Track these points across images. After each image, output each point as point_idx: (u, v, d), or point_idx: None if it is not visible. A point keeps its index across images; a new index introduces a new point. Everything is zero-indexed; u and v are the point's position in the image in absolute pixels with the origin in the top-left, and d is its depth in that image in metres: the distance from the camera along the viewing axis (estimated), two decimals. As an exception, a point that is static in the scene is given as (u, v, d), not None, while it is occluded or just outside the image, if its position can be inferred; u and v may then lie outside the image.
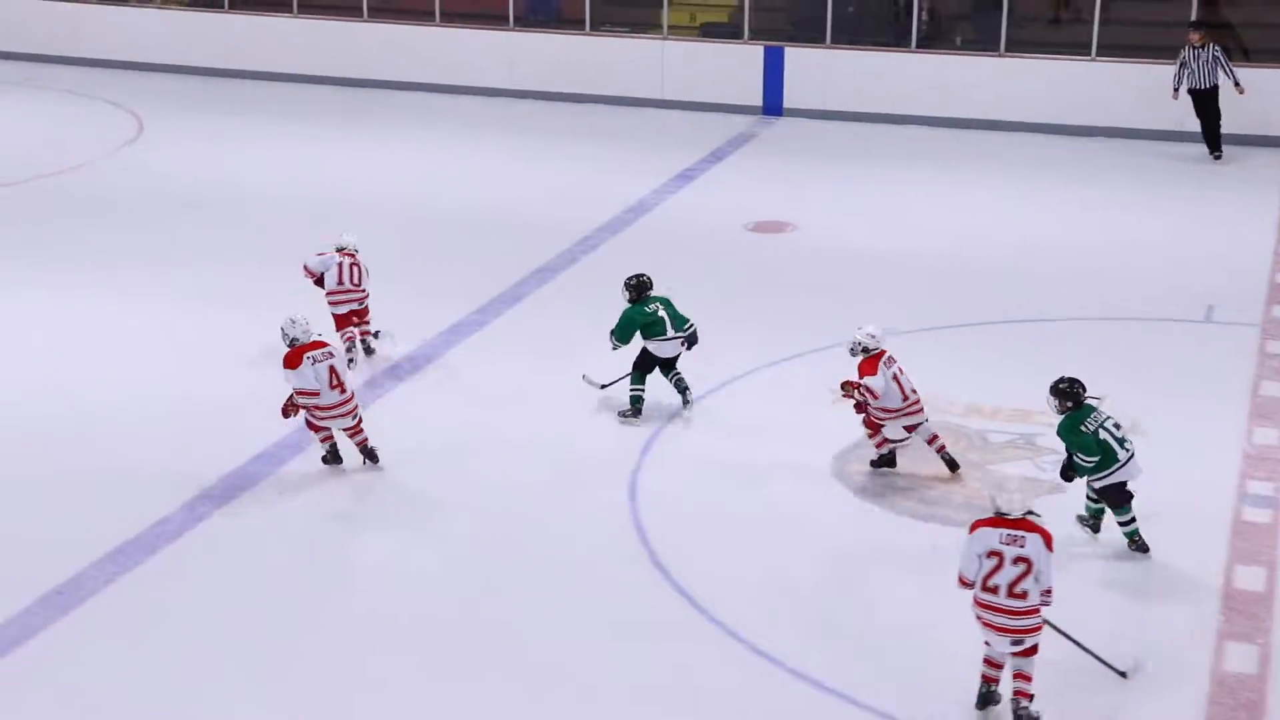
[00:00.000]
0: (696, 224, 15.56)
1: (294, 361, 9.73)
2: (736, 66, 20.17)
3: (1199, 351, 12.09)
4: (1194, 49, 17.21)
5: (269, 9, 22.32)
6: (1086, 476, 8.84)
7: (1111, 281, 13.70)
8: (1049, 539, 7.26)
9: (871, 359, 9.74)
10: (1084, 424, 8.70)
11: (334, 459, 10.05)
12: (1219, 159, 17.56)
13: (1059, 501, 9.25)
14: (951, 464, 9.95)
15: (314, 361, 9.73)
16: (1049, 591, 7.27)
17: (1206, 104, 17.40)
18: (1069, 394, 8.77)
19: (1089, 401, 8.78)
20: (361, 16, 21.81)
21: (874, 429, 9.94)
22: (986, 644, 7.40)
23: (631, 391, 10.81)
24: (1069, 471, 8.92)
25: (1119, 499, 8.82)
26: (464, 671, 7.91)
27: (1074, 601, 7.79)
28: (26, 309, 12.97)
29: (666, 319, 10.70)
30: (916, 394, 9.82)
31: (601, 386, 11.10)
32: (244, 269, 13.98)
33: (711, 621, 8.28)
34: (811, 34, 19.99)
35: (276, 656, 8.06)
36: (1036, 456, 10.15)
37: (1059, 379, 8.87)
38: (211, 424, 10.64)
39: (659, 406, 10.83)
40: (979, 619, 7.34)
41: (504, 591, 8.67)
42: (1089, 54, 18.69)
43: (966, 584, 7.37)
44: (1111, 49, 18.66)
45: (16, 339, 12.30)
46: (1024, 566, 7.20)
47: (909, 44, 19.57)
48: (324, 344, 9.89)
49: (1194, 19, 17.84)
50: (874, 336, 9.80)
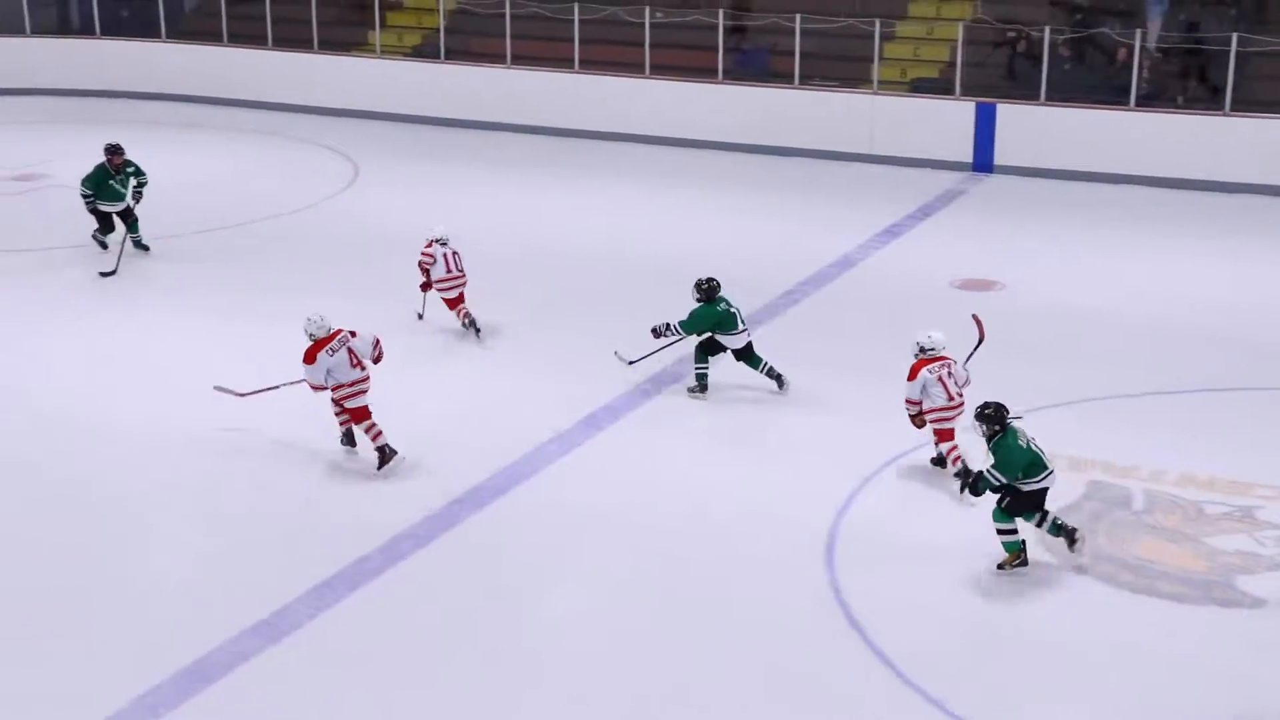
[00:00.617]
0: (902, 279, 15.41)
1: (310, 358, 10.59)
2: (947, 122, 20.03)
3: None
4: None
5: (484, 61, 22.93)
6: (1016, 481, 9.10)
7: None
8: None
9: (921, 362, 10.26)
10: (1019, 441, 9.13)
11: (349, 441, 10.94)
12: None
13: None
14: (964, 483, 9.61)
15: (331, 352, 10.54)
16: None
17: None
18: (996, 418, 9.19)
19: (1012, 423, 9.19)
20: (572, 68, 22.26)
21: (940, 437, 10.33)
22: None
23: (697, 370, 11.99)
24: (977, 486, 9.28)
25: (1038, 504, 9.24)
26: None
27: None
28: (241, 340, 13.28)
29: (738, 314, 11.80)
30: (962, 397, 10.24)
31: (630, 363, 12.19)
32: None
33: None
34: (1025, 90, 19.75)
35: (469, 694, 8.16)
36: (1255, 530, 9.76)
37: (984, 404, 9.25)
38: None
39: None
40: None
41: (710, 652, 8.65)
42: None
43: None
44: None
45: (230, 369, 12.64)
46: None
47: (1127, 102, 19.16)
48: (339, 332, 10.63)
49: None
50: (931, 337, 10.38)
